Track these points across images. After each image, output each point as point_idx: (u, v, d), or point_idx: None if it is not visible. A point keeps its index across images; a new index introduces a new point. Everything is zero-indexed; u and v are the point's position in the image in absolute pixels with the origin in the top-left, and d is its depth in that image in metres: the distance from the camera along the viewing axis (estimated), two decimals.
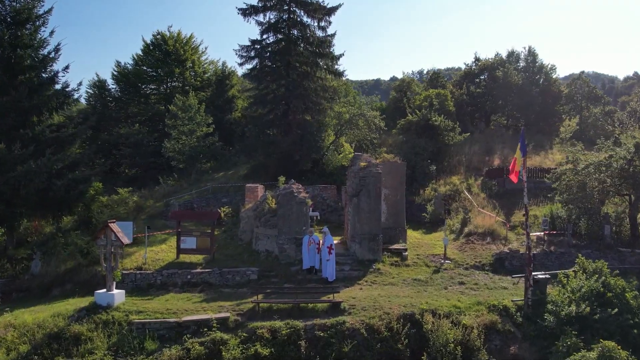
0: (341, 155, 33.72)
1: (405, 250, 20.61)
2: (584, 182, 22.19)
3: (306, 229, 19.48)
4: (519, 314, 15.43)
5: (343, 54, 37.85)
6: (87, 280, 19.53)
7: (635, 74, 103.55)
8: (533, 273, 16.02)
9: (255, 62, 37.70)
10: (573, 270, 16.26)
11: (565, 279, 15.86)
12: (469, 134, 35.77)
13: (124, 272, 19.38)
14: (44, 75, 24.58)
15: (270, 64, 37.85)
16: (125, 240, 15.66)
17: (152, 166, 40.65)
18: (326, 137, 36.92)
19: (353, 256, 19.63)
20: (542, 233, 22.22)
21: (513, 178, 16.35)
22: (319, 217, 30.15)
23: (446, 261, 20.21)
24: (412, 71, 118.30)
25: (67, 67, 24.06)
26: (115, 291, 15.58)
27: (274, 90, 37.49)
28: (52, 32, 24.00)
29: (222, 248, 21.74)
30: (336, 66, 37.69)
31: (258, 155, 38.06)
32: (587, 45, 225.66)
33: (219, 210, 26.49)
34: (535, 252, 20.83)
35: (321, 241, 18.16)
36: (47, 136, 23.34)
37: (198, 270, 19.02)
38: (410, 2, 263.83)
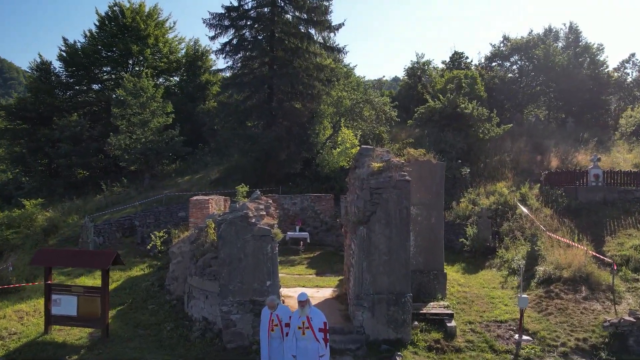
0: (339, 150, 24.71)
1: (451, 317, 11.68)
2: None
3: (272, 284, 10.57)
4: None
5: (343, 24, 29.02)
6: None
7: None
8: None
9: (230, 33, 29.39)
10: None
11: None
12: (511, 125, 26.87)
13: None
14: None
15: (249, 36, 29.56)
16: None
17: (99, 168, 31.98)
18: (321, 131, 28.26)
19: (359, 334, 10.71)
20: None
21: None
22: (308, 240, 21.61)
23: (524, 338, 11.35)
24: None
25: None
26: None
27: (254, 69, 29.21)
28: None
29: (137, 308, 12.88)
30: (335, 41, 29.63)
31: (233, 153, 29.49)
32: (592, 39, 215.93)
33: (142, 241, 17.73)
34: None
35: (298, 318, 9.09)
36: None
37: None
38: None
